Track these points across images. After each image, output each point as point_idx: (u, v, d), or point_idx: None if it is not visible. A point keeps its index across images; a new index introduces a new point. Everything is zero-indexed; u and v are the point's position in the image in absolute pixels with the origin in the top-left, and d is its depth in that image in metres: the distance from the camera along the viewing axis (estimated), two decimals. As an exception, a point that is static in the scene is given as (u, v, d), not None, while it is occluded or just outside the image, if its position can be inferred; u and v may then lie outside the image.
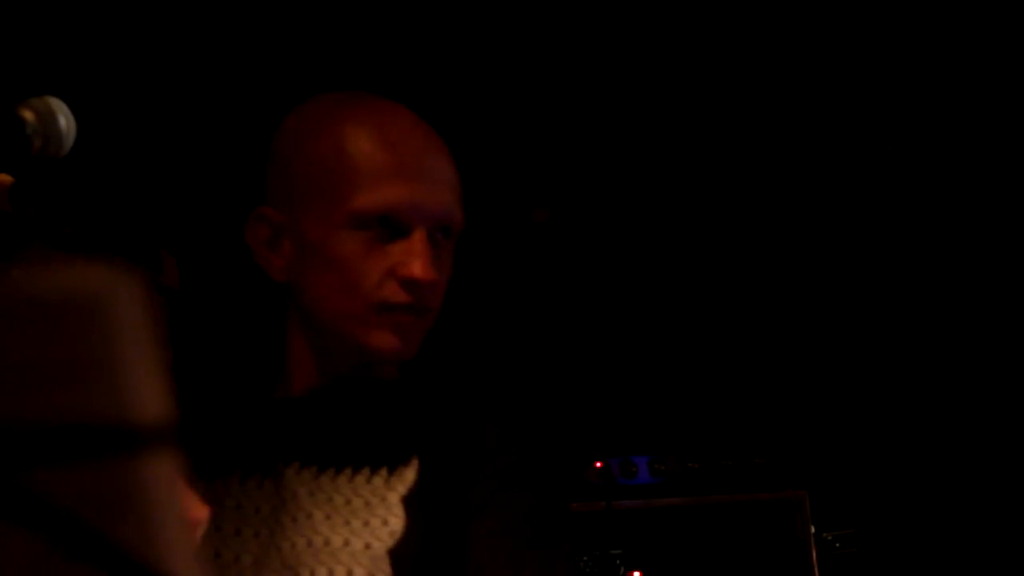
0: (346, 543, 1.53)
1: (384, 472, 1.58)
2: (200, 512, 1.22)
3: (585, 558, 3.31)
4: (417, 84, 3.32)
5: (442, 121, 1.64)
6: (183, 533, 0.61)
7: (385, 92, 1.66)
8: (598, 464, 3.39)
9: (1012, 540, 3.63)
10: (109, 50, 3.02)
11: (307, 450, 1.61)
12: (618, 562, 3.34)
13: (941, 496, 3.73)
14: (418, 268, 1.55)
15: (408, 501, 1.55)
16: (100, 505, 0.60)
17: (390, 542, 1.53)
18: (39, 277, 0.63)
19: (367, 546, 1.52)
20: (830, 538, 3.53)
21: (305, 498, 1.57)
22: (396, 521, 1.54)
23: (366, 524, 1.54)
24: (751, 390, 3.85)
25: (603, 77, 3.63)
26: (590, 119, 3.71)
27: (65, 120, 1.22)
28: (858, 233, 3.89)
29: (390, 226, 1.56)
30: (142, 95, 3.08)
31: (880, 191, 3.84)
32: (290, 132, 1.63)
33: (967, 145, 3.73)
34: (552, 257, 3.83)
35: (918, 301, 3.86)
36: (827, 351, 3.90)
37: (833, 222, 3.89)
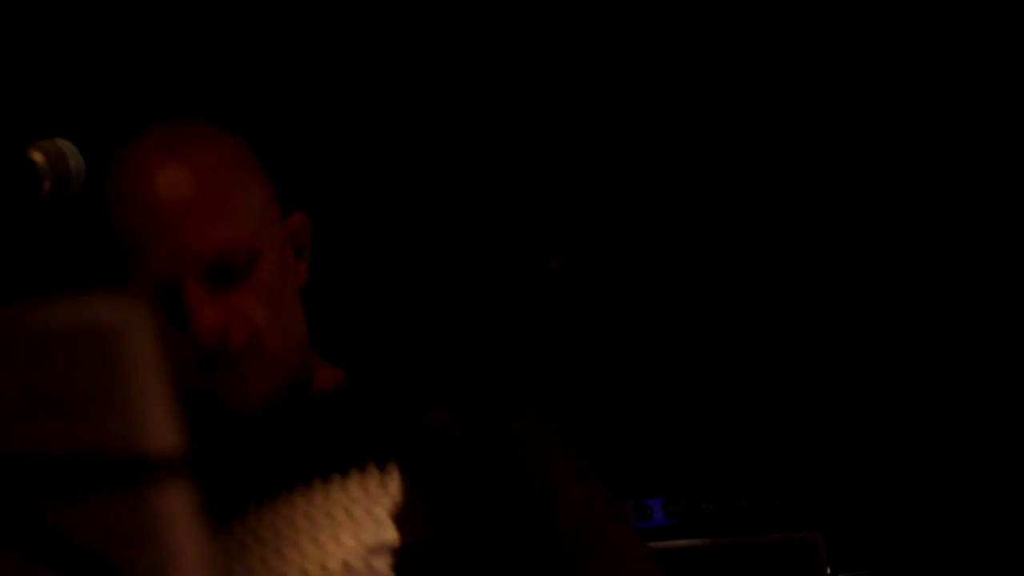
0: (323, 568, 1.41)
1: (357, 476, 1.46)
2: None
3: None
4: (427, 132, 3.32)
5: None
6: (200, 566, 0.60)
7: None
8: (612, 507, 3.36)
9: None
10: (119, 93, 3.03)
11: (261, 480, 1.51)
12: (634, 606, 3.30)
13: (958, 538, 3.70)
14: (195, 323, 1.42)
15: (400, 514, 1.44)
16: (116, 538, 0.59)
17: (390, 558, 1.41)
18: (51, 310, 0.62)
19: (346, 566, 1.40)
20: (847, 579, 3.50)
21: (267, 530, 1.45)
22: (389, 534, 1.42)
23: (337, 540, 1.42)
24: (765, 431, 3.83)
25: (615, 124, 3.64)
26: (602, 167, 3.71)
27: (75, 161, 1.22)
28: (877, 275, 3.88)
29: (173, 292, 1.43)
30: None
31: (900, 230, 3.83)
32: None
33: (973, 155, 3.73)
34: (563, 303, 3.82)
35: (932, 342, 3.85)
36: (842, 392, 3.88)
37: (851, 261, 3.88)
